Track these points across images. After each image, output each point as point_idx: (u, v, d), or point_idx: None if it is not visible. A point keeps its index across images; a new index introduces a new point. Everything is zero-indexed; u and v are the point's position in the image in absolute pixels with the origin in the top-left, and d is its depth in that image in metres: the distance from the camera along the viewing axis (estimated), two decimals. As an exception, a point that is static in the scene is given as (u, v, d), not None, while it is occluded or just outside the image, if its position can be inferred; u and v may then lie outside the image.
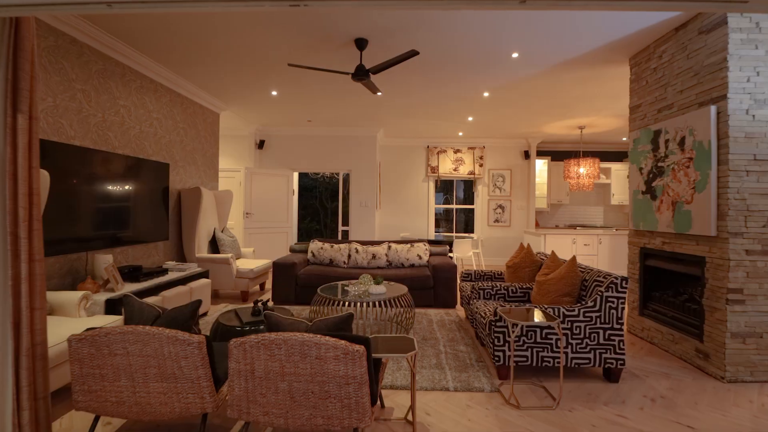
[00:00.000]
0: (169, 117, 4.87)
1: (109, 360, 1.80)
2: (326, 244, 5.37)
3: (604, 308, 2.76)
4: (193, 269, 4.33)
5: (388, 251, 5.33)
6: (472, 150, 8.57)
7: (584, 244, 6.83)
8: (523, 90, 5.15)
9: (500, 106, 5.94)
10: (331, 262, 5.25)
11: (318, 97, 5.59)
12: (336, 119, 6.96)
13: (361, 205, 7.66)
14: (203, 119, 5.66)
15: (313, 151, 7.70)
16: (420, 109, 6.14)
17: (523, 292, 3.49)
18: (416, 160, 8.66)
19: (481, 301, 3.41)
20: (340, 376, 1.68)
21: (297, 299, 4.81)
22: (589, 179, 7.02)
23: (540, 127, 7.27)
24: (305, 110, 6.36)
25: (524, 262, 3.84)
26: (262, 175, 7.24)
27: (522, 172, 8.66)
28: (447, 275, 4.74)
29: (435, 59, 4.17)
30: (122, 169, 3.93)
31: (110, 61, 3.89)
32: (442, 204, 10.84)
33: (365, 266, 5.24)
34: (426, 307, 4.78)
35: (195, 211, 4.95)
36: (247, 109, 6.34)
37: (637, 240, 3.89)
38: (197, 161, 5.50)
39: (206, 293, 4.28)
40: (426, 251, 5.32)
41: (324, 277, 4.78)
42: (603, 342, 2.77)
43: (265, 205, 7.25)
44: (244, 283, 4.90)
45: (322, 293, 3.50)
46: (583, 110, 6.08)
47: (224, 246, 5.20)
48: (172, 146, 4.93)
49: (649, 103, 3.79)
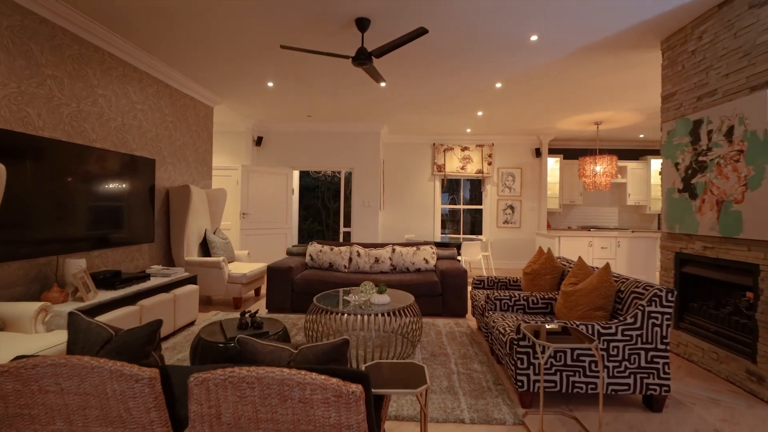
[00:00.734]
0: (156, 109, 4.51)
1: (39, 398, 1.42)
2: (325, 246, 4.99)
3: (646, 325, 2.36)
4: (179, 274, 3.97)
5: (392, 255, 4.95)
6: (481, 147, 8.16)
7: (601, 247, 6.41)
8: (539, 81, 4.75)
9: (513, 99, 5.54)
10: (330, 266, 4.87)
11: (317, 89, 5.21)
12: (337, 114, 6.59)
13: (363, 205, 7.28)
14: (195, 113, 5.30)
15: (313, 149, 7.33)
16: (427, 102, 5.75)
17: (545, 303, 3.09)
18: (422, 158, 8.27)
19: (497, 314, 3.01)
20: (331, 425, 1.29)
21: (293, 307, 4.43)
22: (606, 178, 6.60)
23: (553, 122, 6.86)
24: (304, 104, 5.99)
25: (544, 269, 3.44)
26: (259, 173, 6.88)
27: (533, 170, 8.24)
28: (457, 281, 4.34)
29: (445, 44, 3.78)
30: (101, 165, 3.57)
31: (87, 46, 3.53)
32: (447, 204, 10.44)
33: (367, 271, 4.85)
34: (434, 316, 4.39)
35: (184, 210, 4.58)
36: (243, 104, 5.98)
37: (672, 244, 3.48)
38: (188, 157, 5.14)
39: (193, 301, 3.91)
40: (433, 255, 4.93)
41: (322, 282, 4.39)
42: (644, 365, 2.36)
43: (263, 205, 6.89)
44: (237, 289, 4.53)
45: (318, 303, 3.12)
46: (601, 104, 5.66)
47: (216, 248, 4.83)
48: (160, 141, 4.57)
49: (686, 90, 3.37)
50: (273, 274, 4.42)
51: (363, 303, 3.16)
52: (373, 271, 4.86)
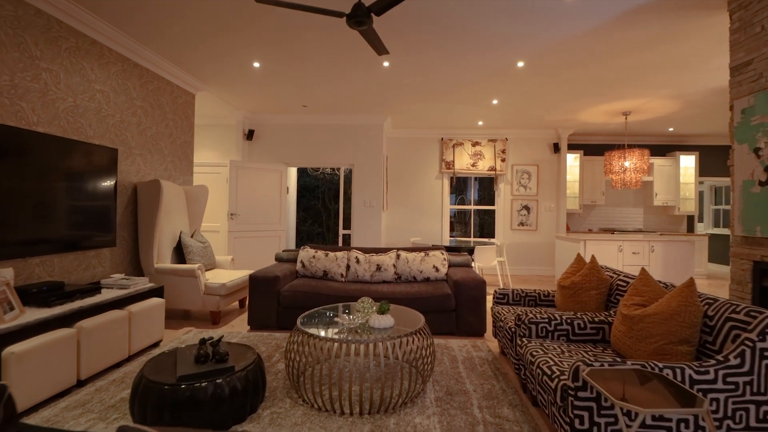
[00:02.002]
0: (122, 91, 3.88)
1: None
2: (320, 252, 4.31)
3: (757, 369, 1.66)
4: (141, 286, 3.31)
5: (396, 261, 4.26)
6: (493, 143, 7.46)
7: (633, 252, 5.69)
8: (568, 57, 4.06)
9: (535, 83, 4.85)
10: (325, 274, 4.19)
11: (311, 73, 4.56)
12: (336, 105, 5.93)
13: (365, 205, 6.61)
14: (172, 99, 4.66)
15: (309, 143, 6.67)
16: (436, 88, 5.08)
17: (595, 327, 2.39)
18: (429, 155, 7.59)
19: (535, 343, 2.32)
20: None
21: (279, 323, 3.76)
22: (637, 174, 5.88)
23: (576, 113, 6.16)
24: (298, 93, 5.34)
25: (588, 282, 2.74)
26: (250, 170, 6.24)
27: (551, 168, 7.53)
28: (474, 294, 3.65)
29: (460, 11, 3.10)
30: (45, 153, 2.93)
31: (24, 7, 2.90)
32: (456, 205, 9.75)
33: (367, 280, 4.17)
34: (446, 336, 3.70)
35: (154, 209, 3.93)
36: (230, 91, 5.34)
37: (749, 251, 2.77)
38: (162, 149, 4.50)
39: (157, 317, 3.25)
40: (444, 262, 4.24)
41: (314, 295, 3.72)
42: (756, 425, 1.66)
43: (254, 205, 6.24)
44: (214, 302, 3.87)
45: (303, 327, 2.44)
46: (635, 89, 4.96)
47: (192, 254, 4.17)
48: (125, 128, 3.93)
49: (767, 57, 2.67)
50: (256, 285, 3.75)
51: (359, 326, 2.48)
52: (374, 280, 4.18)
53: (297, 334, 2.40)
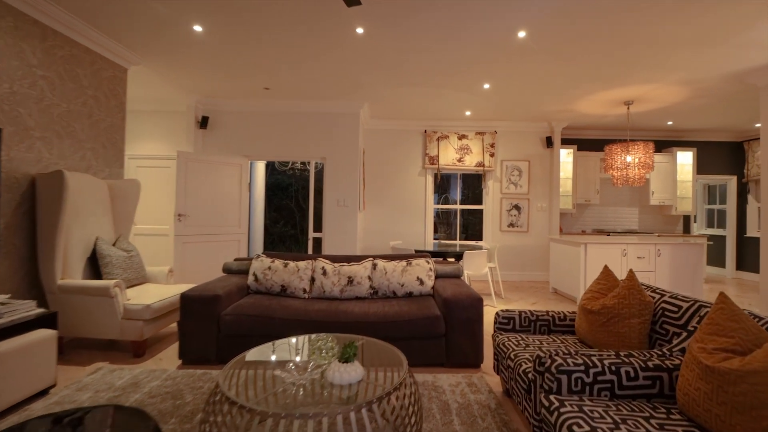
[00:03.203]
0: (13, 54, 2.96)
1: None
2: (277, 261, 3.49)
3: None
4: (24, 313, 2.43)
5: (372, 272, 3.49)
6: (481, 136, 6.79)
7: (638, 256, 5.10)
8: (575, 28, 3.38)
9: (533, 61, 4.16)
10: (283, 290, 3.38)
11: (269, 45, 3.73)
12: (304, 88, 5.11)
13: (338, 204, 5.81)
14: (93, 72, 3.75)
15: (275, 134, 5.82)
16: (420, 68, 4.33)
17: (651, 378, 1.68)
18: (411, 149, 6.84)
19: (571, 403, 1.59)
20: None
21: (220, 356, 2.92)
22: (641, 170, 5.30)
23: (573, 102, 5.54)
24: (258, 73, 4.50)
25: (628, 307, 2.04)
26: (204, 163, 5.34)
27: (543, 164, 6.92)
28: (468, 315, 2.91)
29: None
30: None
31: None
32: (439, 204, 9.05)
33: (336, 296, 3.38)
34: (433, 368, 2.95)
35: (56, 209, 3.03)
36: (174, 67, 4.45)
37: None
38: (77, 133, 3.58)
39: (47, 355, 2.37)
40: (430, 272, 3.49)
41: (264, 320, 2.90)
42: None
43: (208, 204, 5.34)
44: (136, 329, 2.99)
45: (224, 386, 1.63)
46: (644, 71, 4.35)
47: (110, 266, 3.28)
48: (18, 102, 3.01)
49: None
50: (189, 307, 2.90)
51: (312, 382, 1.70)
52: (344, 296, 3.39)
53: (217, 401, 1.59)
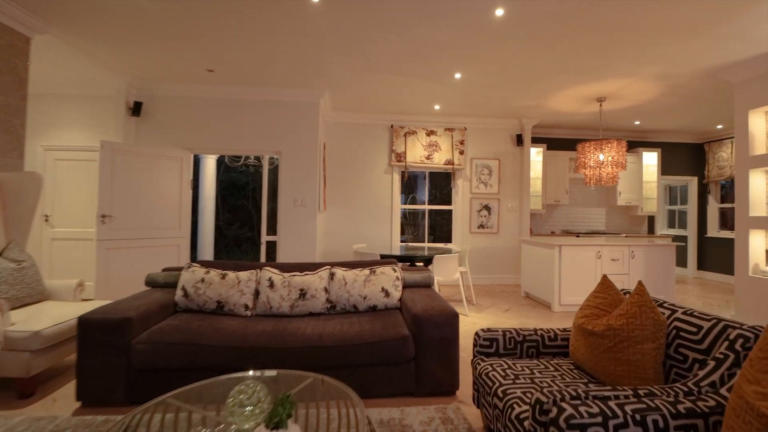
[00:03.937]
0: None
1: None
2: (213, 272, 2.89)
3: None
4: None
5: (329, 284, 2.97)
6: (451, 132, 6.42)
7: (612, 258, 4.89)
8: (560, 7, 3.03)
9: (510, 48, 3.80)
10: (220, 307, 2.78)
11: (206, 13, 3.11)
12: (254, 71, 4.50)
13: (295, 204, 5.22)
14: (-23, 37, 2.98)
15: (222, 123, 5.14)
16: (387, 50, 3.85)
17: (684, 427, 1.28)
18: (376, 144, 6.37)
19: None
20: None
21: (130, 396, 2.29)
22: (614, 169, 5.11)
23: (546, 97, 5.27)
24: (199, 50, 3.85)
25: (639, 328, 1.65)
26: (136, 155, 4.59)
27: (513, 162, 6.66)
28: (442, 334, 2.46)
29: None
30: None
31: None
32: (407, 204, 8.64)
33: (285, 313, 2.83)
34: (401, 398, 2.47)
35: None
36: (91, 40, 3.71)
37: None
38: (-52, 112, 2.81)
39: None
40: (397, 282, 3.02)
41: (190, 348, 2.30)
42: None
43: (140, 204, 4.60)
44: (21, 362, 2.30)
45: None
46: (624, 59, 4.11)
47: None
48: None
49: None
50: (89, 334, 2.25)
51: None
52: (295, 312, 2.84)
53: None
